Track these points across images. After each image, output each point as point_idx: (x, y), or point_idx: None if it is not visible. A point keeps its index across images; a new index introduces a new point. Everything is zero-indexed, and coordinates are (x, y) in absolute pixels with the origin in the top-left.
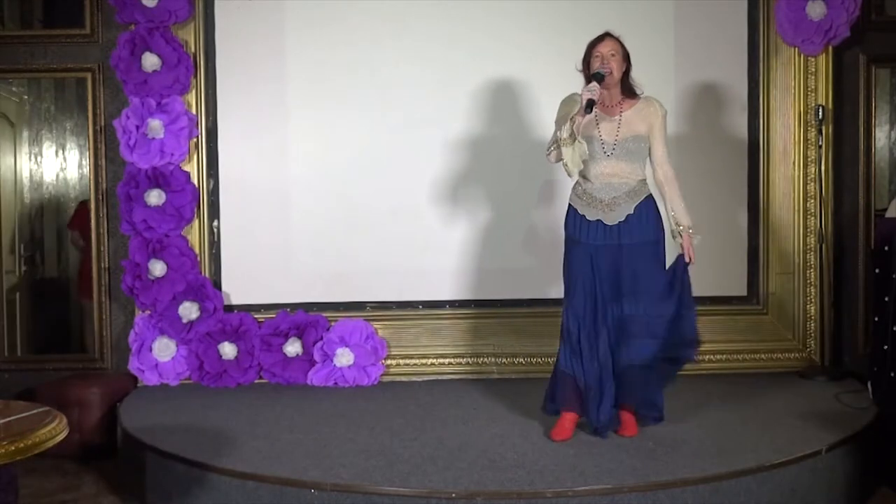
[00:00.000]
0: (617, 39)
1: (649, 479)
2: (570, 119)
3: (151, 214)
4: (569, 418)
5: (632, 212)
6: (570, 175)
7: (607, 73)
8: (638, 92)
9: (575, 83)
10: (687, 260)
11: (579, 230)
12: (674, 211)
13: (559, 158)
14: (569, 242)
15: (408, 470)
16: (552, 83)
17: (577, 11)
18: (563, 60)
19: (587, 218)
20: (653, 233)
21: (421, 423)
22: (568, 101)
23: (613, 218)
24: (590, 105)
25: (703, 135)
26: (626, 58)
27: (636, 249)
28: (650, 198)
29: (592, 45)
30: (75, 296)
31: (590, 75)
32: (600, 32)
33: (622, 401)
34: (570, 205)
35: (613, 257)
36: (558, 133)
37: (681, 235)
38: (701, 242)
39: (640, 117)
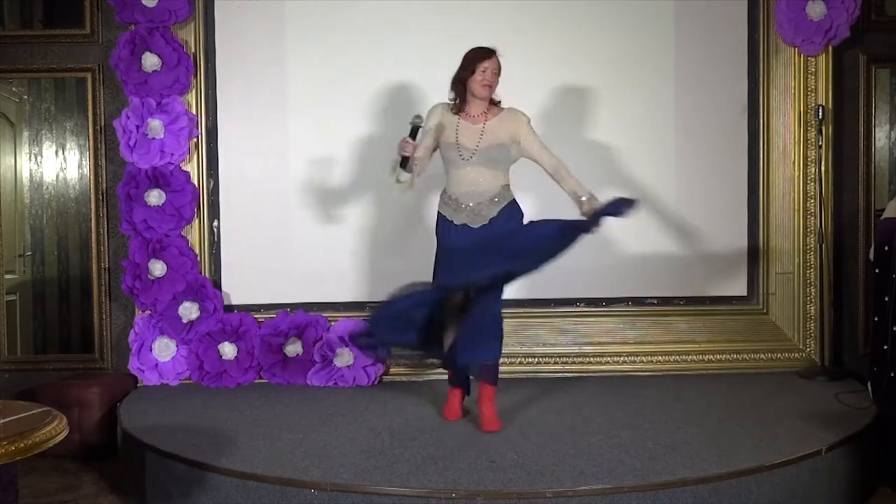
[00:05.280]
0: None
1: (649, 479)
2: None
3: (151, 214)
4: (457, 395)
5: (495, 215)
6: (397, 182)
7: (422, 125)
8: (497, 102)
9: (568, 80)
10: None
11: (449, 236)
12: (573, 188)
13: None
14: (440, 250)
15: (408, 470)
16: (552, 83)
17: (578, 12)
18: (563, 61)
19: (455, 223)
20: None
21: (421, 423)
22: (437, 114)
23: (478, 221)
24: (404, 162)
25: (702, 135)
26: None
27: (500, 236)
28: (515, 202)
29: (481, 58)
30: None
31: (412, 125)
32: (484, 48)
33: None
34: (439, 212)
35: (480, 250)
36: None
37: (587, 203)
38: (701, 242)
39: (504, 127)
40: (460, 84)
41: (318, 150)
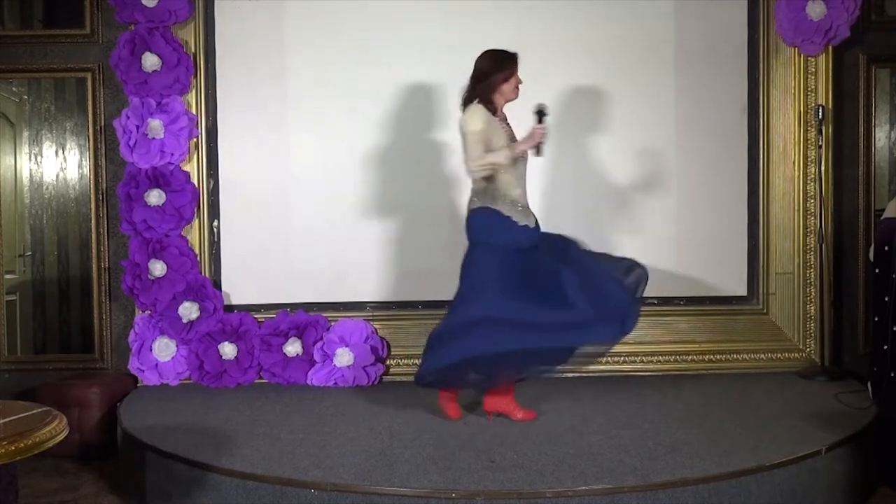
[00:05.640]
0: None
1: (649, 479)
2: (510, 148)
3: (151, 214)
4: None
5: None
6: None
7: (547, 111)
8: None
9: (568, 80)
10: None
11: (513, 237)
12: None
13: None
14: (503, 251)
15: (408, 470)
16: (552, 82)
17: (578, 12)
18: (563, 60)
19: (519, 224)
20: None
21: (421, 423)
22: (484, 115)
23: (534, 221)
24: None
25: (702, 135)
26: None
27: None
28: None
29: (515, 62)
30: None
31: (539, 112)
32: (513, 52)
33: None
34: (495, 212)
35: (550, 256)
36: (498, 159)
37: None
38: (701, 242)
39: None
40: (490, 87)
41: (319, 150)
